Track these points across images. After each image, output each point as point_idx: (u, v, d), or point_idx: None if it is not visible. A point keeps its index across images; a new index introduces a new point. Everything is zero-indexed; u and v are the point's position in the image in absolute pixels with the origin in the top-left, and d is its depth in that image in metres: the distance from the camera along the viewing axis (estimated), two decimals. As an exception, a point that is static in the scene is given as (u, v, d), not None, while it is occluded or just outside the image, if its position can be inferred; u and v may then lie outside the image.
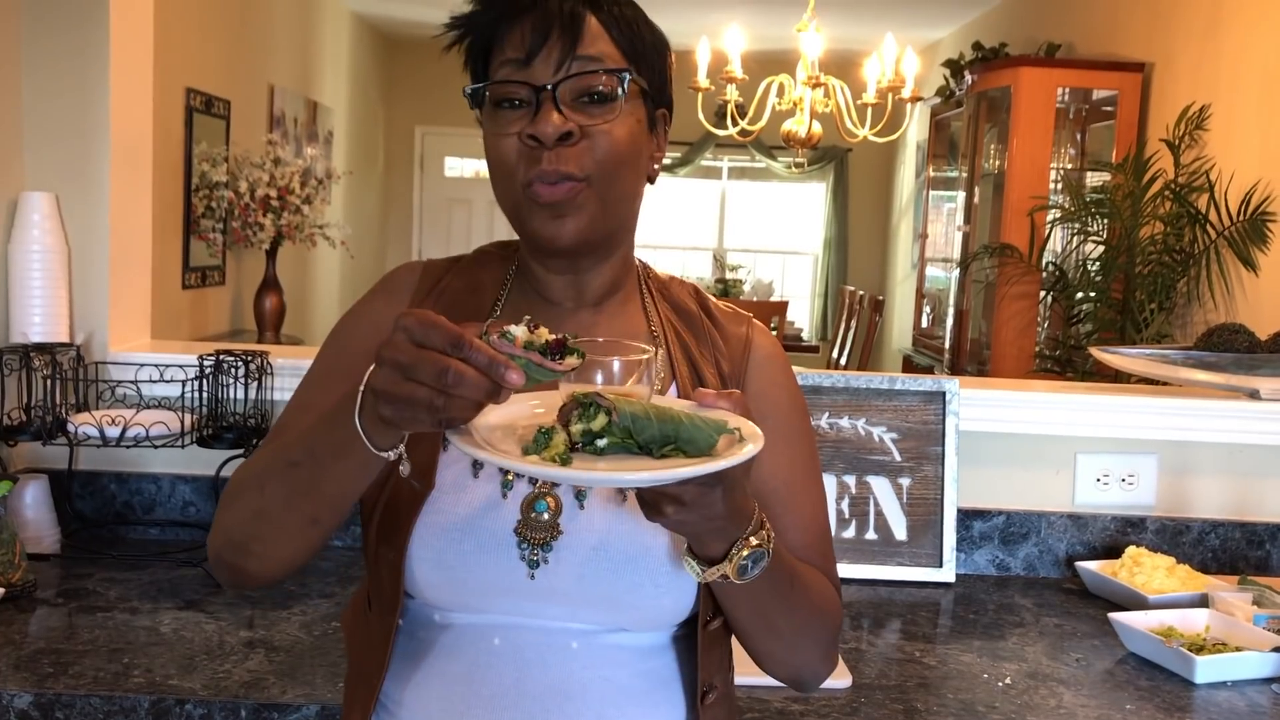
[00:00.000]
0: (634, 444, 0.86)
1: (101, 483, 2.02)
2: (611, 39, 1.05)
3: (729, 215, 9.86)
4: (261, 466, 1.02)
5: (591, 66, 1.03)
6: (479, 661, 1.04)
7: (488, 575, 1.02)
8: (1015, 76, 4.97)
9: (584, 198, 1.04)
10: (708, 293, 1.22)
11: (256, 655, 1.53)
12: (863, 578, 1.97)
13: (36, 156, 2.04)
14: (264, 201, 4.75)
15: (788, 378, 1.18)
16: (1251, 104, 3.90)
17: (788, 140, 4.62)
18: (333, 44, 7.53)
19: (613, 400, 0.86)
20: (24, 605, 1.66)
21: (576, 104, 1.03)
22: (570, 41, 1.02)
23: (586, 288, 1.12)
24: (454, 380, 0.79)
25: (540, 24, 1.03)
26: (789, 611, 1.05)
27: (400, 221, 9.36)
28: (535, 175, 1.02)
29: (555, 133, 1.01)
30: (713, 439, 0.87)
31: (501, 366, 0.80)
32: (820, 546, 1.13)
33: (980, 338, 5.51)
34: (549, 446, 0.85)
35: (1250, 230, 3.75)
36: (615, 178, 1.05)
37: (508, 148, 1.04)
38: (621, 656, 1.05)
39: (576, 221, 1.04)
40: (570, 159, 1.02)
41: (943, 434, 2.01)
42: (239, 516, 1.02)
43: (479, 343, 0.81)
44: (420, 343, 0.81)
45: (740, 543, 0.93)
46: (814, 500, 1.15)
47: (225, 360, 1.92)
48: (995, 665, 1.64)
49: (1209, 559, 2.06)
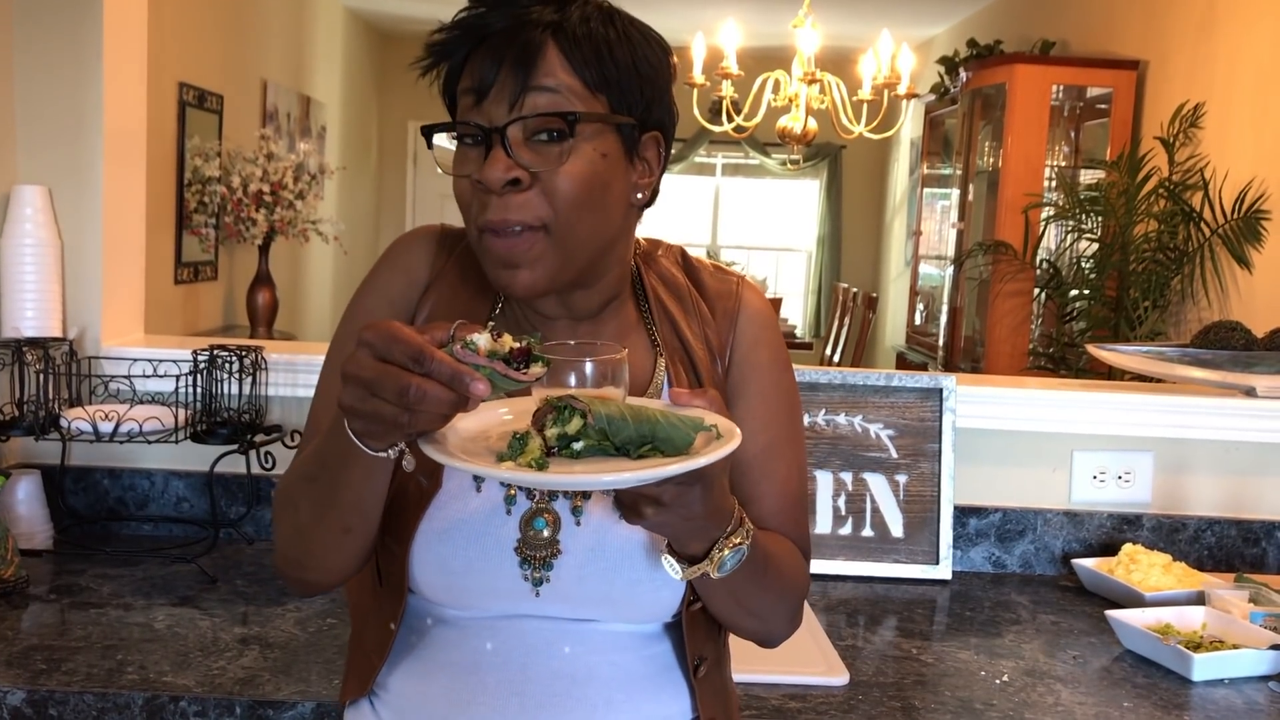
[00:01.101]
0: (610, 446, 0.85)
1: (94, 478, 2.01)
2: (572, 68, 0.97)
3: (723, 212, 9.85)
4: (289, 484, 1.03)
5: (549, 103, 0.96)
6: (483, 650, 1.04)
7: (490, 583, 1.02)
8: (1010, 74, 4.97)
9: (539, 249, 0.98)
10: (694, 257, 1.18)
11: (251, 652, 1.52)
12: (859, 575, 1.97)
13: (29, 150, 2.02)
14: (257, 196, 4.73)
15: (773, 338, 1.15)
16: (1246, 102, 3.90)
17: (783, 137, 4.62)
18: (326, 39, 7.51)
19: (587, 402, 0.85)
20: (16, 602, 1.65)
21: (531, 144, 0.97)
22: (523, 75, 0.95)
23: (575, 309, 1.08)
24: (416, 396, 0.79)
25: (493, 55, 0.96)
26: (762, 593, 1.05)
27: (393, 216, 9.34)
28: (485, 224, 0.98)
29: (499, 181, 0.96)
30: (690, 437, 0.86)
31: (466, 378, 0.79)
32: (794, 513, 1.13)
33: (974, 335, 5.51)
34: (524, 452, 0.84)
35: (1244, 228, 3.75)
36: (575, 222, 0.98)
37: (463, 189, 1.00)
38: (625, 642, 1.06)
39: (531, 273, 0.99)
40: (520, 207, 0.97)
41: (939, 431, 2.01)
42: (284, 534, 1.04)
43: (441, 355, 0.80)
44: (382, 357, 0.80)
45: (721, 542, 0.94)
46: (791, 464, 1.13)
47: (219, 355, 1.91)
48: (992, 663, 1.64)
49: (1205, 556, 2.06)
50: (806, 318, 9.66)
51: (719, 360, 1.11)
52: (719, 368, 1.11)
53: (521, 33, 0.96)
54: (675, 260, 1.16)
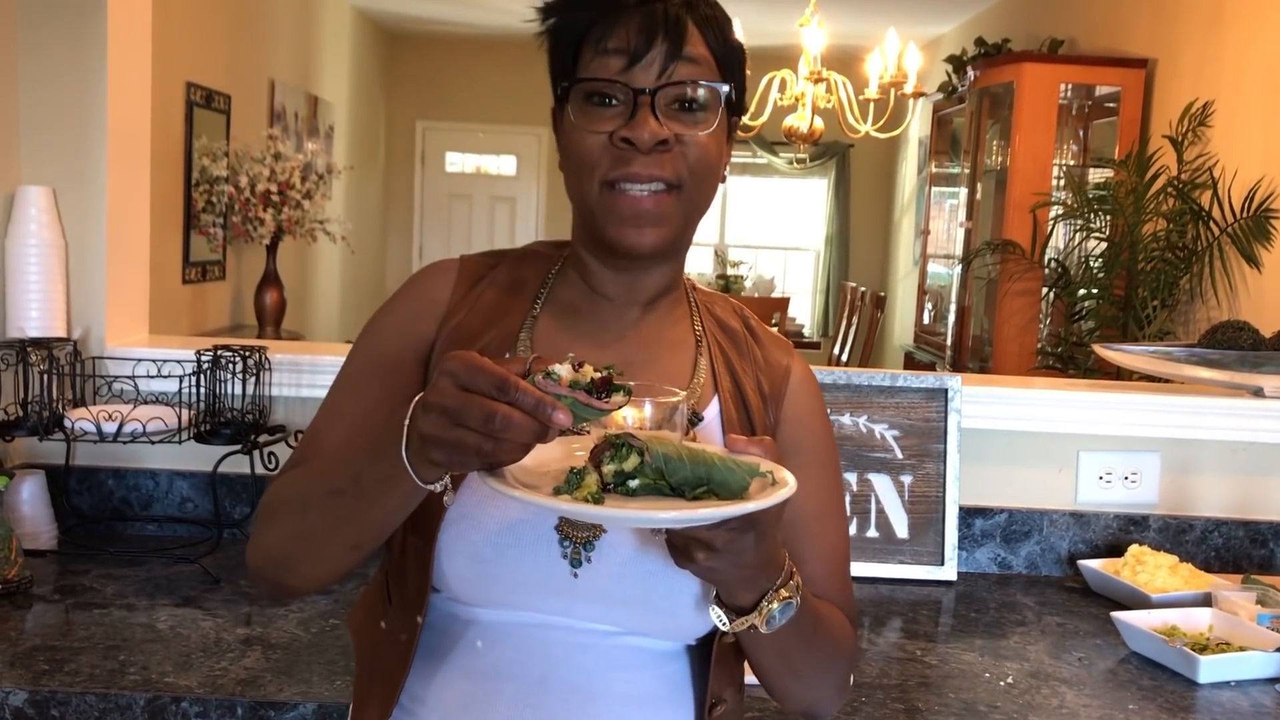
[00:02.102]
0: (666, 485, 0.86)
1: (98, 478, 2.01)
2: (708, 45, 1.04)
3: (730, 211, 9.85)
4: (302, 489, 1.02)
5: (691, 73, 1.02)
6: (505, 658, 1.03)
7: (526, 571, 1.01)
8: (1018, 72, 4.96)
9: (668, 207, 1.03)
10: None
11: (254, 652, 1.52)
12: (864, 575, 1.96)
13: (34, 150, 2.03)
14: (264, 196, 4.74)
15: (822, 406, 1.19)
16: (1255, 100, 3.89)
17: (790, 136, 4.61)
18: (334, 38, 7.52)
19: (645, 441, 0.86)
20: (20, 602, 1.65)
21: (669, 109, 1.02)
22: (674, 47, 1.01)
23: (641, 288, 1.11)
24: (502, 425, 0.79)
25: (645, 26, 1.01)
26: (810, 654, 1.06)
27: (401, 217, 9.35)
28: (623, 175, 1.02)
29: (652, 140, 1.00)
30: (745, 482, 0.87)
31: (548, 408, 0.80)
32: (840, 578, 1.15)
33: (982, 334, 5.50)
34: (581, 486, 0.85)
35: (1254, 227, 3.73)
36: (701, 186, 1.05)
37: (594, 144, 1.03)
38: (643, 659, 1.05)
39: (658, 232, 1.04)
40: (663, 164, 1.02)
41: (945, 431, 2.00)
42: (279, 536, 1.03)
43: (524, 384, 0.80)
44: (465, 386, 0.81)
45: (771, 594, 0.94)
46: (838, 529, 1.15)
47: (223, 356, 1.91)
48: (997, 664, 1.63)
49: (1212, 558, 2.05)
50: (814, 317, 9.65)
51: (769, 407, 1.13)
52: (769, 415, 1.13)
53: (669, 6, 1.03)
54: (733, 310, 1.20)
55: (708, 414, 1.10)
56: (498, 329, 1.10)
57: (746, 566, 0.91)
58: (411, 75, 9.25)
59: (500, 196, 9.35)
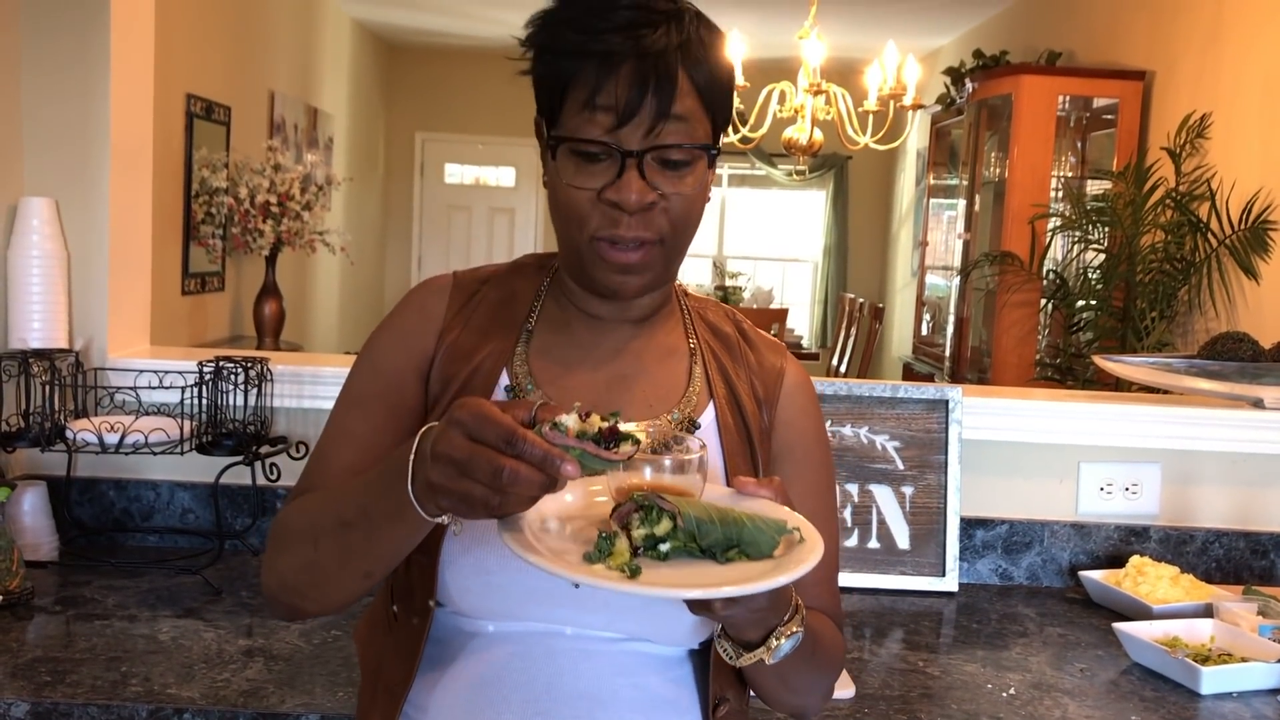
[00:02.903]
0: (696, 548, 0.87)
1: (100, 489, 2.01)
2: (697, 93, 1.03)
3: (729, 222, 9.86)
4: (311, 520, 1.02)
5: (679, 132, 1.01)
6: (510, 666, 1.04)
7: (531, 583, 1.01)
8: (1016, 84, 4.97)
9: (653, 258, 1.05)
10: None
11: (255, 664, 1.52)
12: (865, 587, 1.96)
13: (36, 161, 2.03)
14: (264, 207, 4.74)
15: (816, 409, 1.19)
16: (1253, 112, 3.90)
17: (789, 147, 4.62)
18: (333, 50, 7.53)
19: (676, 504, 0.86)
20: (21, 613, 1.65)
21: (655, 166, 1.03)
22: (663, 105, 1.00)
23: (631, 311, 1.13)
24: (509, 479, 0.80)
25: (636, 81, 0.99)
26: (807, 673, 1.08)
27: (400, 227, 9.36)
28: (610, 236, 1.03)
29: (639, 204, 1.01)
30: (774, 541, 0.89)
31: (556, 460, 0.81)
32: (830, 584, 1.16)
33: (981, 345, 5.50)
34: (613, 554, 0.85)
35: (1252, 239, 3.74)
36: (685, 236, 1.07)
37: (581, 200, 1.03)
38: (649, 664, 1.06)
39: (643, 279, 1.06)
40: (648, 224, 1.03)
41: (945, 442, 2.00)
42: (292, 565, 1.04)
43: (533, 436, 0.81)
44: (474, 437, 0.82)
45: (779, 630, 0.96)
46: (829, 536, 1.15)
47: (225, 367, 1.91)
48: (999, 675, 1.63)
49: (1213, 569, 2.05)
50: (813, 328, 9.65)
51: (764, 410, 1.14)
52: (764, 418, 1.14)
53: (661, 60, 1.00)
54: (725, 315, 1.21)
55: (703, 420, 1.11)
56: (492, 345, 1.11)
57: (759, 610, 0.93)
58: (411, 87, 9.26)
59: (499, 208, 9.36)
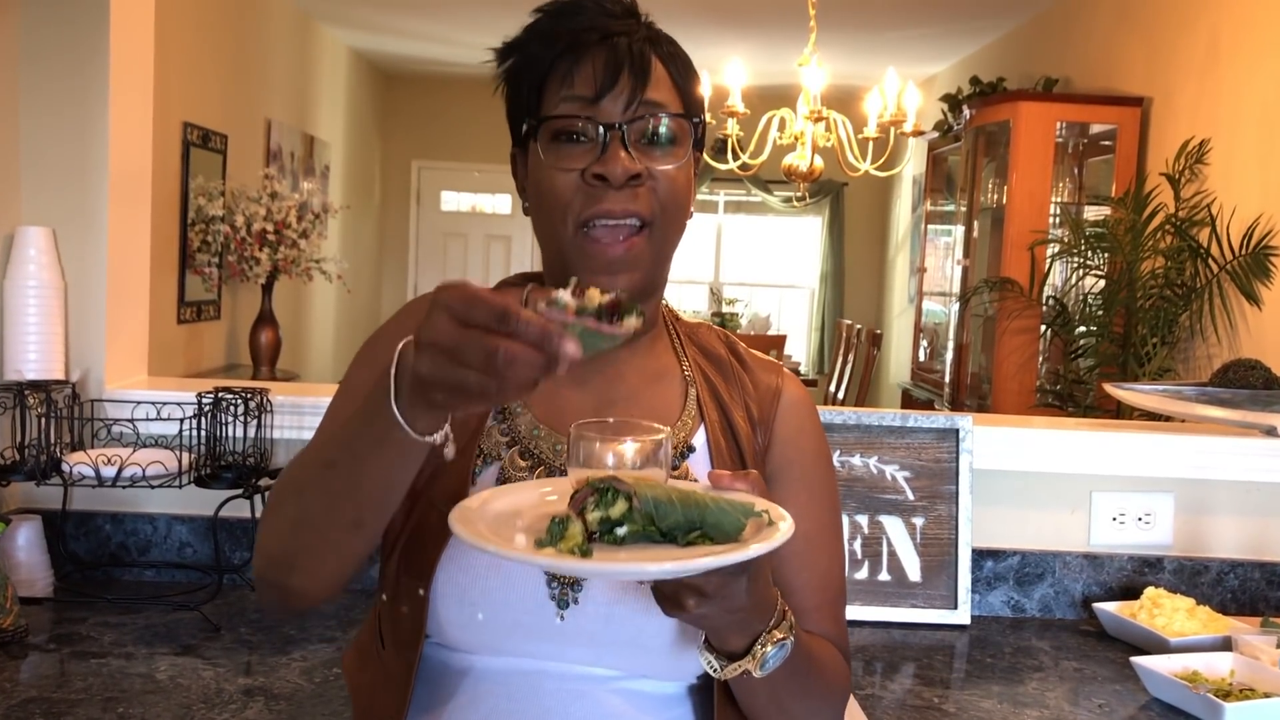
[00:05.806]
0: (656, 531, 0.81)
1: (96, 523, 1.97)
2: (673, 80, 1.05)
3: (725, 249, 9.86)
4: (296, 473, 0.96)
5: (659, 105, 1.03)
6: (499, 708, 1.00)
7: (513, 614, 0.98)
8: (1014, 110, 4.98)
9: (639, 250, 1.02)
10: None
11: (256, 704, 1.48)
12: (876, 620, 1.93)
13: (34, 191, 2.00)
14: (260, 236, 4.72)
15: (816, 427, 1.15)
16: (1251, 138, 3.90)
17: (789, 174, 4.61)
18: (330, 79, 7.54)
19: (632, 485, 0.80)
20: (15, 651, 1.61)
21: (639, 144, 1.02)
22: (640, 81, 1.02)
23: None
24: (505, 360, 0.72)
25: (610, 61, 1.01)
26: (804, 697, 1.01)
27: (397, 255, 9.35)
28: (596, 213, 1.00)
29: (625, 174, 0.99)
30: (740, 523, 0.82)
31: (555, 338, 0.73)
32: (833, 609, 1.10)
33: (980, 371, 5.49)
34: (565, 537, 0.79)
35: (1252, 264, 3.73)
36: (672, 222, 1.04)
37: (565, 183, 1.01)
38: (644, 705, 1.02)
39: (631, 278, 1.03)
40: (637, 199, 1.01)
41: (956, 472, 1.97)
42: (278, 530, 0.96)
43: (528, 314, 0.73)
44: (463, 320, 0.74)
45: (764, 637, 0.90)
46: (831, 557, 1.11)
47: (224, 398, 1.88)
48: (1016, 711, 1.59)
49: (1228, 600, 2.02)
50: (810, 354, 9.63)
51: (759, 432, 1.10)
52: (759, 440, 1.10)
53: (633, 42, 1.03)
54: (718, 338, 1.18)
55: (696, 443, 1.08)
56: None
57: (739, 610, 0.86)
58: (407, 115, 9.27)
59: (495, 235, 9.35)
